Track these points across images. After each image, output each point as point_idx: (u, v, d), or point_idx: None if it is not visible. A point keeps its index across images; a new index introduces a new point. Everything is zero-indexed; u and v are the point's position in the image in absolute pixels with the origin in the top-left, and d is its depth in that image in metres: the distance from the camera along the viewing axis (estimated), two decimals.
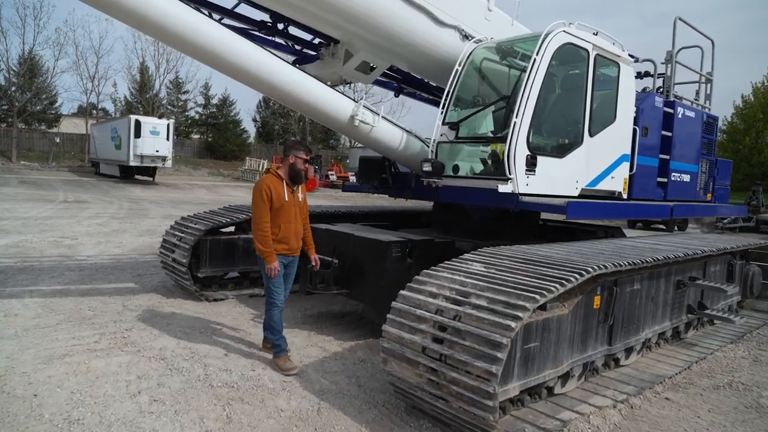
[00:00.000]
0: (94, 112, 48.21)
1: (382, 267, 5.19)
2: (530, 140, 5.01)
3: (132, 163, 29.68)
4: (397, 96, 8.01)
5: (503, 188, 4.90)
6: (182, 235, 6.75)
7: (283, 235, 4.64)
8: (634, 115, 6.40)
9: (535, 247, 4.75)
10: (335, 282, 5.52)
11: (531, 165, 5.05)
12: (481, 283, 3.61)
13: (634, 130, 6.44)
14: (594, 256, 4.35)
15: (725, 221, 21.39)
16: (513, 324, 3.14)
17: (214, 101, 53.10)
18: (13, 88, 41.69)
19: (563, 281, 3.51)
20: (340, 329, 5.86)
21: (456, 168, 5.68)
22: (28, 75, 42.27)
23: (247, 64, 4.72)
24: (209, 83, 52.89)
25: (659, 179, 7.13)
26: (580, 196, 5.69)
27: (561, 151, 5.47)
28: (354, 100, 5.50)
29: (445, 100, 5.70)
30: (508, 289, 3.45)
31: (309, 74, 5.25)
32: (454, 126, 5.56)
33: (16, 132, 40.50)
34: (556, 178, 5.42)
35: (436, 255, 5.64)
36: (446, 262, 4.15)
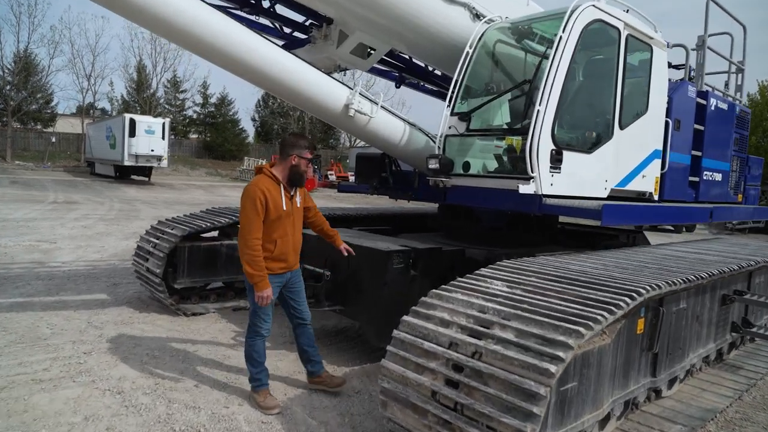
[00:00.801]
0: (92, 111, 47.49)
1: (381, 280, 4.44)
2: (555, 132, 4.26)
3: (126, 163, 29.04)
4: (398, 86, 7.27)
5: (525, 188, 4.15)
6: (157, 241, 6.01)
7: (280, 251, 3.76)
8: (666, 105, 5.66)
9: (564, 259, 4.00)
10: (327, 297, 4.78)
11: (556, 161, 4.29)
12: (505, 308, 2.87)
13: (666, 123, 5.69)
14: (638, 272, 3.60)
15: (735, 222, 20.58)
16: (553, 368, 2.39)
17: (213, 100, 52.40)
18: (8, 87, 40.98)
19: (612, 307, 2.76)
20: (332, 350, 5.11)
21: (467, 165, 4.93)
22: (24, 73, 41.56)
23: (220, 41, 3.97)
24: (207, 82, 52.24)
25: (691, 178, 6.39)
26: (609, 198, 4.95)
27: (589, 145, 4.71)
28: (349, 87, 4.75)
29: (454, 87, 4.95)
30: (543, 318, 2.70)
31: (297, 56, 4.51)
32: (464, 117, 4.80)
33: (11, 131, 39.77)
34: (584, 177, 4.67)
35: (444, 265, 4.92)
36: (459, 279, 3.41)
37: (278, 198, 3.72)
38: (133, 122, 28.85)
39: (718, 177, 7.00)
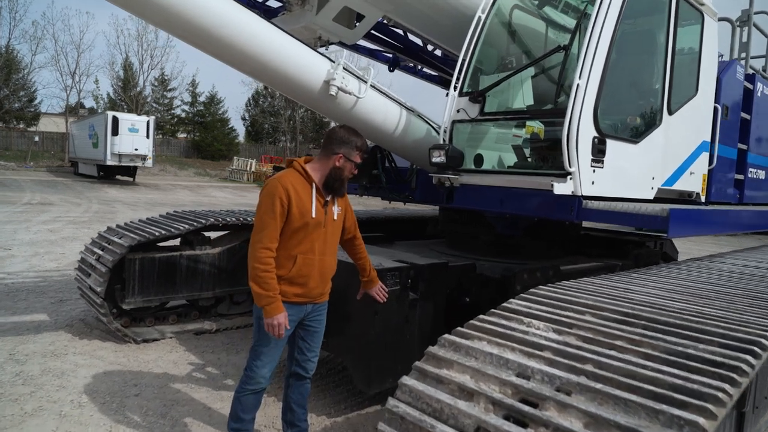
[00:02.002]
0: (79, 110, 46.17)
1: (371, 307, 3.43)
2: (599, 115, 3.26)
3: (109, 163, 27.89)
4: (391, 70, 6.24)
5: (561, 188, 3.15)
6: (101, 252, 4.96)
7: (299, 272, 2.82)
8: (714, 88, 4.69)
9: (615, 282, 2.99)
10: None
11: (599, 153, 3.30)
12: (562, 372, 1.85)
13: (715, 109, 4.72)
14: (729, 304, 2.59)
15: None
16: None
17: (202, 99, 51.11)
18: None
19: (733, 374, 1.75)
20: (315, 392, 4.09)
21: (479, 159, 3.93)
22: (5, 70, 40.19)
23: None
24: (196, 80, 51.02)
25: (736, 176, 5.44)
26: (655, 200, 3.96)
27: (635, 133, 3.72)
28: (331, 60, 3.73)
29: (463, 62, 3.93)
30: (626, 393, 1.69)
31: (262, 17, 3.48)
32: (476, 98, 3.78)
33: None
34: (628, 173, 3.69)
35: (450, 284, 3.91)
36: (483, 317, 2.39)
37: (307, 201, 2.80)
38: (116, 120, 27.69)
39: (762, 175, 6.06)
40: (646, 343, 2.01)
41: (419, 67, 6.51)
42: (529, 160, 3.62)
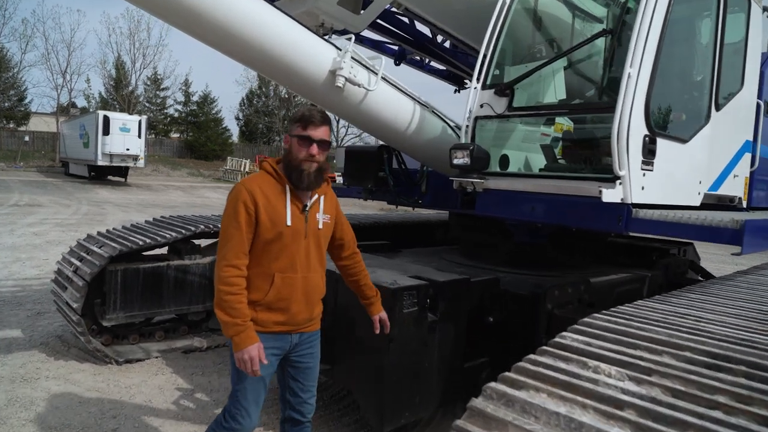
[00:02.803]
0: (70, 109, 45.45)
1: (382, 332, 2.96)
2: (650, 110, 2.81)
3: (100, 163, 27.27)
4: (397, 64, 5.77)
5: (610, 195, 2.69)
6: (78, 263, 4.47)
7: (278, 295, 2.33)
8: (757, 83, 4.26)
9: (675, 306, 2.53)
10: None
11: (649, 153, 2.85)
12: None
13: (758, 106, 4.29)
14: None
15: None
16: None
17: (195, 98, 50.40)
18: None
19: None
20: (316, 424, 3.62)
21: (505, 160, 3.47)
22: None
23: None
24: (189, 80, 50.32)
25: None
26: (702, 207, 3.52)
27: (684, 130, 3.27)
28: (337, 47, 3.27)
29: (486, 51, 3.47)
30: None
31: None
32: (503, 91, 3.30)
33: None
34: (676, 177, 3.24)
35: (472, 303, 3.46)
36: (533, 357, 1.94)
37: (280, 207, 2.31)
38: (107, 120, 27.07)
39: None
40: (759, 401, 1.56)
41: (426, 60, 6.05)
42: (567, 161, 3.17)
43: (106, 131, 26.88)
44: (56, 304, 4.79)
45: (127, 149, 27.54)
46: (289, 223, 2.30)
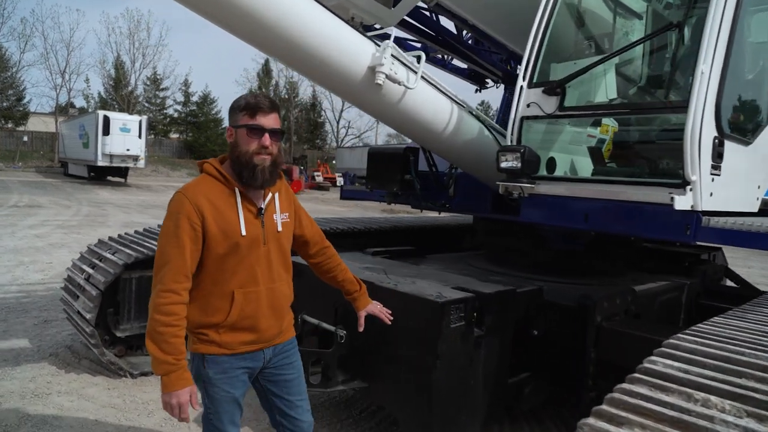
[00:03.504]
0: (69, 109, 45.16)
1: (431, 350, 2.74)
2: (721, 111, 2.60)
3: (100, 163, 27.03)
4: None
5: (682, 202, 2.48)
6: (91, 271, 4.24)
7: (242, 313, 2.05)
8: None
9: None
10: (342, 368, 3.06)
11: (718, 156, 2.64)
12: None
13: None
14: None
15: None
16: None
17: (195, 99, 50.22)
18: None
19: None
20: None
21: (552, 164, 3.26)
22: None
23: None
24: (189, 80, 50.10)
25: None
26: (759, 213, 3.31)
27: (747, 131, 3.06)
28: (376, 42, 3.05)
29: (532, 47, 3.25)
30: None
31: None
32: (554, 90, 3.08)
33: None
34: (737, 182, 3.03)
35: (517, 315, 3.24)
36: (627, 386, 1.72)
37: (231, 215, 2.02)
38: (107, 120, 26.83)
39: None
40: None
41: (449, 58, 5.83)
42: (628, 166, 2.96)
43: (106, 131, 26.65)
44: (66, 312, 4.56)
45: (128, 150, 27.30)
46: (243, 232, 2.02)
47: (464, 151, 3.64)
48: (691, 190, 2.51)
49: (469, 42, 5.50)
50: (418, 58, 3.14)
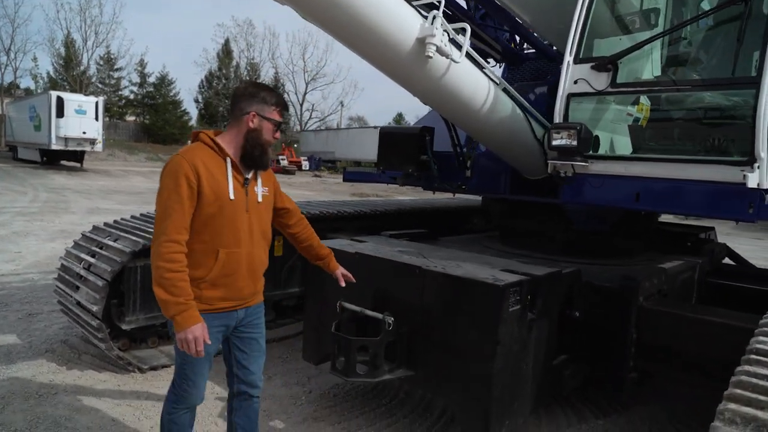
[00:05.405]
0: (14, 91, 42.72)
1: (490, 334, 2.63)
2: None
3: (54, 147, 25.62)
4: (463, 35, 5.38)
5: (752, 179, 2.43)
6: (92, 260, 3.94)
7: (223, 270, 2.29)
8: None
9: None
10: (389, 358, 2.92)
11: None
12: None
13: None
14: None
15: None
16: None
17: (151, 80, 48.31)
18: None
19: None
20: (378, 423, 3.27)
21: (596, 142, 3.17)
22: None
23: None
24: (145, 60, 48.09)
25: None
26: None
27: None
28: (422, 14, 2.86)
29: (579, 18, 3.12)
30: None
31: None
32: (604, 65, 2.97)
33: None
34: None
35: (561, 298, 3.18)
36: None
37: (222, 180, 2.29)
38: (60, 101, 25.42)
39: None
40: None
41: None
42: (690, 143, 2.89)
43: (60, 113, 25.27)
44: (62, 305, 4.24)
45: (84, 133, 25.98)
46: (232, 196, 2.28)
47: (499, 129, 3.51)
48: (758, 167, 2.47)
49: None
50: (463, 31, 2.97)
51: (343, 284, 2.77)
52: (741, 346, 2.68)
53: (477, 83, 3.23)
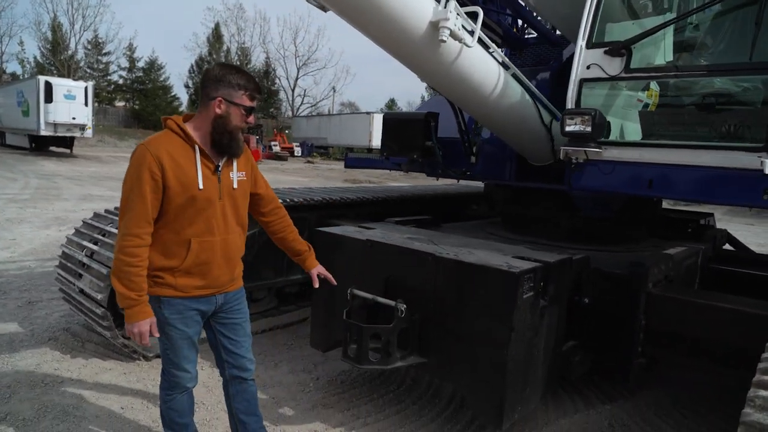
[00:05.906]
0: (3, 75, 42.01)
1: (504, 322, 2.63)
2: None
3: (43, 133, 25.24)
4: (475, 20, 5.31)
5: None
6: (95, 248, 3.89)
7: (196, 260, 2.27)
8: None
9: None
10: (401, 345, 2.91)
11: None
12: None
13: None
14: None
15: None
16: None
17: (141, 65, 47.68)
18: None
19: None
20: (392, 418, 3.28)
21: (608, 128, 3.14)
22: None
23: None
24: (134, 44, 47.42)
25: None
26: None
27: None
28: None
29: (592, 2, 3.09)
30: None
31: None
32: (618, 50, 2.95)
33: None
34: None
35: (570, 284, 3.18)
36: None
37: (190, 170, 2.22)
38: (49, 86, 25.00)
39: None
40: None
41: None
42: (706, 129, 2.87)
43: (48, 99, 24.85)
44: (64, 293, 4.19)
45: (73, 118, 25.59)
46: (201, 186, 2.22)
47: (508, 114, 3.48)
48: None
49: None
50: (475, 15, 2.93)
51: (317, 285, 2.70)
52: (752, 332, 2.71)
53: (488, 68, 3.19)
